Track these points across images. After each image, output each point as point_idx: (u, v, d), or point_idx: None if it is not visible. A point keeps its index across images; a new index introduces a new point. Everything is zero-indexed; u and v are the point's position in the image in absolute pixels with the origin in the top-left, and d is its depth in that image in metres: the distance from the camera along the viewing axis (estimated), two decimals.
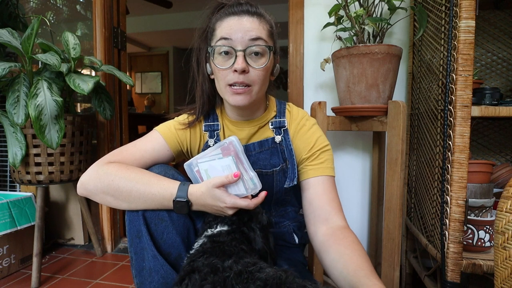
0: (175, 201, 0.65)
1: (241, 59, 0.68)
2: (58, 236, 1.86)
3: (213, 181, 0.63)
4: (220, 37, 0.70)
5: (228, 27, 0.69)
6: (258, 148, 0.80)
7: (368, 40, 1.08)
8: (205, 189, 0.64)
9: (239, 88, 0.70)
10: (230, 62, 0.70)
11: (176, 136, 0.80)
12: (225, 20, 0.71)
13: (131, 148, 0.77)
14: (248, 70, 0.70)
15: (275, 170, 0.78)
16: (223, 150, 0.65)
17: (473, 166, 0.96)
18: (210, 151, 0.67)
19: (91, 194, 0.70)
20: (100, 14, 1.69)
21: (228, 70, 0.70)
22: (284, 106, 0.85)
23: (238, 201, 0.63)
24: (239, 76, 0.69)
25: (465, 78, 0.81)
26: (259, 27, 0.70)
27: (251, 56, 0.70)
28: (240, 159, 0.65)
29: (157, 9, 3.77)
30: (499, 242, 0.57)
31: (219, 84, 0.74)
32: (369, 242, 1.43)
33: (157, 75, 5.69)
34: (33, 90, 1.21)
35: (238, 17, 0.70)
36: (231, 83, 0.70)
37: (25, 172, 1.40)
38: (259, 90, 0.73)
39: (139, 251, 0.68)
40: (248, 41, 0.69)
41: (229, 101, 0.73)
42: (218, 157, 0.66)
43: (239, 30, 0.69)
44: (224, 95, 0.74)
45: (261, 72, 0.71)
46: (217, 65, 0.71)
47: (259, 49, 0.70)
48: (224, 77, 0.71)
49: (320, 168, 0.77)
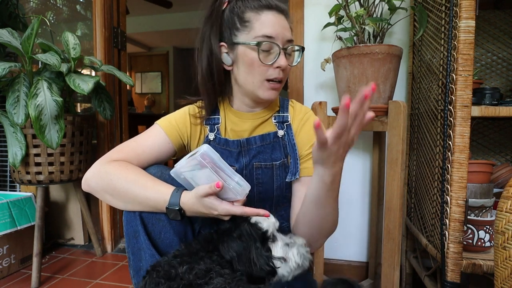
0: (168, 208, 0.65)
1: (284, 57, 0.73)
2: (58, 236, 1.86)
3: (200, 191, 0.62)
4: (262, 34, 0.71)
5: (269, 25, 0.71)
6: (259, 141, 0.80)
7: (369, 40, 1.08)
8: (195, 199, 0.63)
9: (276, 84, 0.75)
10: (271, 58, 0.73)
11: (177, 129, 0.80)
12: (263, 14, 0.72)
13: (132, 144, 0.77)
14: (286, 68, 0.75)
15: (275, 164, 0.78)
16: (198, 163, 0.62)
17: (473, 166, 0.95)
18: (188, 161, 0.63)
19: (93, 191, 0.72)
20: (100, 14, 1.69)
21: (269, 66, 0.73)
22: (288, 102, 0.87)
23: (232, 209, 0.62)
24: (279, 72, 0.74)
25: (465, 78, 0.81)
26: (288, 27, 0.75)
27: (286, 55, 0.75)
28: (219, 168, 0.62)
29: (157, 9, 3.77)
30: (499, 242, 0.57)
31: (254, 78, 0.74)
32: (369, 242, 1.43)
33: (157, 75, 5.69)
34: (33, 90, 1.21)
35: (275, 12, 0.72)
36: (270, 78, 0.74)
37: (25, 172, 1.40)
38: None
39: (136, 251, 0.68)
40: (286, 41, 0.73)
41: (263, 95, 0.75)
42: (197, 168, 0.63)
43: (280, 28, 0.72)
44: (256, 89, 0.75)
45: (290, 69, 0.79)
46: (260, 60, 0.72)
47: (295, 48, 0.77)
48: (264, 72, 0.73)
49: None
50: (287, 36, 0.73)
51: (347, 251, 1.48)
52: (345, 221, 1.46)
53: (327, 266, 1.48)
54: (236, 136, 0.81)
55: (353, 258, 1.48)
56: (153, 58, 5.72)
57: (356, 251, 1.48)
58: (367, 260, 1.46)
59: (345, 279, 0.56)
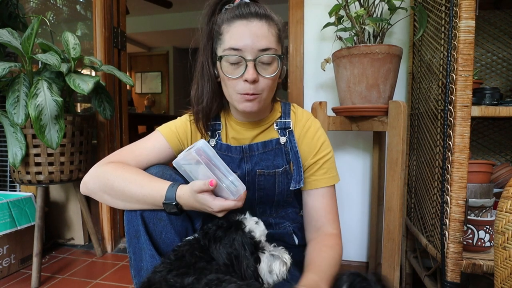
0: (165, 203, 0.65)
1: (252, 70, 0.67)
2: (58, 236, 1.86)
3: (194, 186, 0.61)
4: (229, 46, 0.67)
5: (237, 35, 0.67)
6: (261, 148, 0.79)
7: (369, 40, 1.08)
8: (190, 193, 0.63)
9: (249, 96, 0.70)
10: (239, 71, 0.68)
11: (177, 135, 0.80)
12: (233, 24, 0.68)
13: (131, 147, 0.78)
14: (258, 80, 0.69)
15: (278, 171, 0.78)
16: (193, 158, 0.62)
17: (473, 166, 0.95)
18: (185, 154, 0.64)
19: (91, 192, 0.72)
20: (100, 14, 1.69)
21: (238, 79, 0.69)
22: (289, 107, 0.85)
23: (225, 204, 0.62)
24: (250, 86, 0.68)
25: (465, 78, 0.81)
26: (268, 34, 0.68)
27: (261, 65, 0.69)
28: (214, 165, 0.62)
29: (157, 9, 3.77)
30: (499, 242, 0.57)
31: (228, 90, 0.73)
32: (369, 242, 1.43)
33: (157, 75, 5.69)
34: (33, 90, 1.21)
35: (246, 21, 0.67)
36: (240, 93, 0.70)
37: (25, 172, 1.40)
38: (268, 96, 0.74)
39: (137, 251, 0.68)
40: (258, 51, 0.67)
41: (239, 108, 0.72)
42: (193, 163, 0.62)
43: (249, 38, 0.66)
44: (233, 102, 0.74)
45: (271, 80, 0.71)
46: (226, 74, 0.69)
47: (269, 58, 0.69)
48: (234, 86, 0.70)
49: (323, 180, 0.79)
50: (260, 45, 0.66)
51: (347, 251, 1.48)
52: (345, 221, 1.46)
53: None
54: (238, 143, 0.81)
55: (353, 258, 1.48)
56: (153, 58, 5.73)
57: (356, 251, 1.48)
58: (367, 260, 1.46)
59: (358, 273, 0.55)
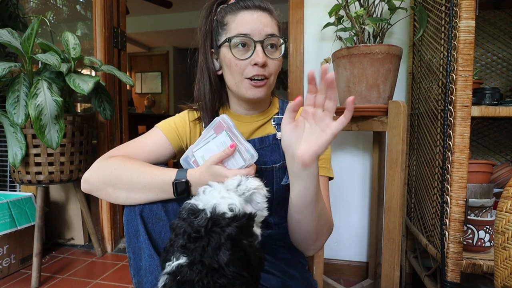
0: (175, 182, 0.66)
1: (261, 52, 0.69)
2: (58, 236, 1.86)
3: (211, 158, 0.64)
4: (236, 33, 0.69)
5: (244, 23, 0.69)
6: (258, 144, 0.79)
7: (369, 40, 1.08)
8: (204, 168, 0.65)
9: (259, 81, 0.71)
10: (248, 54, 0.70)
11: (176, 131, 0.80)
12: (239, 14, 0.70)
13: (132, 144, 0.78)
14: (267, 64, 0.71)
15: (275, 166, 0.78)
16: (215, 129, 0.67)
17: (473, 166, 0.96)
18: (202, 136, 0.69)
19: (93, 187, 0.71)
20: (100, 14, 1.69)
21: (246, 63, 0.70)
22: (287, 104, 0.86)
23: (240, 172, 0.62)
24: (259, 69, 0.70)
25: (465, 78, 0.81)
26: (271, 23, 0.72)
27: (268, 49, 0.71)
28: (233, 133, 0.66)
29: (157, 9, 3.77)
30: (499, 242, 0.56)
31: (234, 77, 0.73)
32: (369, 242, 1.43)
33: (157, 75, 5.69)
34: (33, 90, 1.21)
35: (251, 12, 0.70)
36: (250, 77, 0.71)
37: (25, 172, 1.40)
38: (274, 81, 0.76)
39: (137, 251, 0.68)
40: (265, 35, 0.70)
41: (247, 95, 0.73)
42: (212, 138, 0.67)
43: (256, 24, 0.69)
44: (239, 89, 0.74)
45: (278, 63, 0.73)
46: (235, 55, 0.70)
47: (276, 41, 0.72)
48: (242, 70, 0.71)
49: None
50: (266, 31, 0.70)
51: (347, 251, 1.48)
52: (345, 221, 1.46)
53: (327, 266, 1.48)
54: None
55: (353, 258, 1.48)
56: (153, 58, 5.72)
57: (356, 251, 1.48)
58: (367, 260, 1.46)
59: None
